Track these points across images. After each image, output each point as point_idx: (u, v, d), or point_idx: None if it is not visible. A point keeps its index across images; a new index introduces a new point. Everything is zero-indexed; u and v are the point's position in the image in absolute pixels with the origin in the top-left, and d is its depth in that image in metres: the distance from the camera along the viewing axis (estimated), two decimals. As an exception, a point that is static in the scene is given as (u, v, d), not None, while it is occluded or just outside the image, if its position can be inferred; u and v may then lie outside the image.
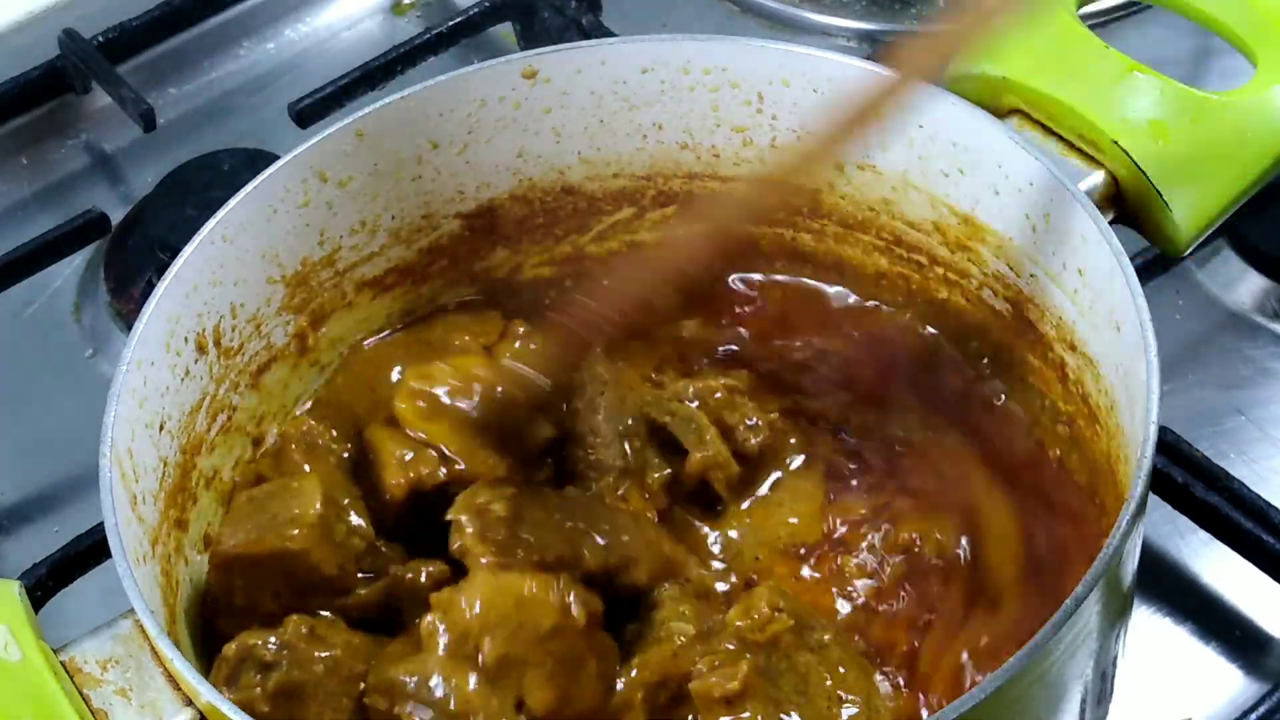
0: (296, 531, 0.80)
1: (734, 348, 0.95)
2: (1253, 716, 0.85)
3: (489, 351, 0.92)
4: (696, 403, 0.89)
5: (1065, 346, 0.86)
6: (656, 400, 0.90)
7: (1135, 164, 0.87)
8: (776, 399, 0.92)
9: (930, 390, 0.91)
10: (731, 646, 0.78)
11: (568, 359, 0.85)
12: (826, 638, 0.80)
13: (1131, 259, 0.79)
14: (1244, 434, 0.99)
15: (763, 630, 0.79)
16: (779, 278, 0.96)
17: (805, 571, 0.86)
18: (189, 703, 0.73)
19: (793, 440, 0.90)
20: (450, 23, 1.20)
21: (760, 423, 0.89)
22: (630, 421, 0.88)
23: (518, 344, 0.91)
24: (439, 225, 0.95)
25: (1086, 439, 0.85)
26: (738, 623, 0.79)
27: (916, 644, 0.83)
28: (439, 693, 0.74)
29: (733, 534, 0.88)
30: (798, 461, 0.90)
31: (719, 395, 0.89)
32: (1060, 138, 0.89)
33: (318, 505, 0.81)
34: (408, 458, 0.84)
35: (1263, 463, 0.97)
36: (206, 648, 0.84)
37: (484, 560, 0.77)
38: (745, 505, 0.88)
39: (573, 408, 0.88)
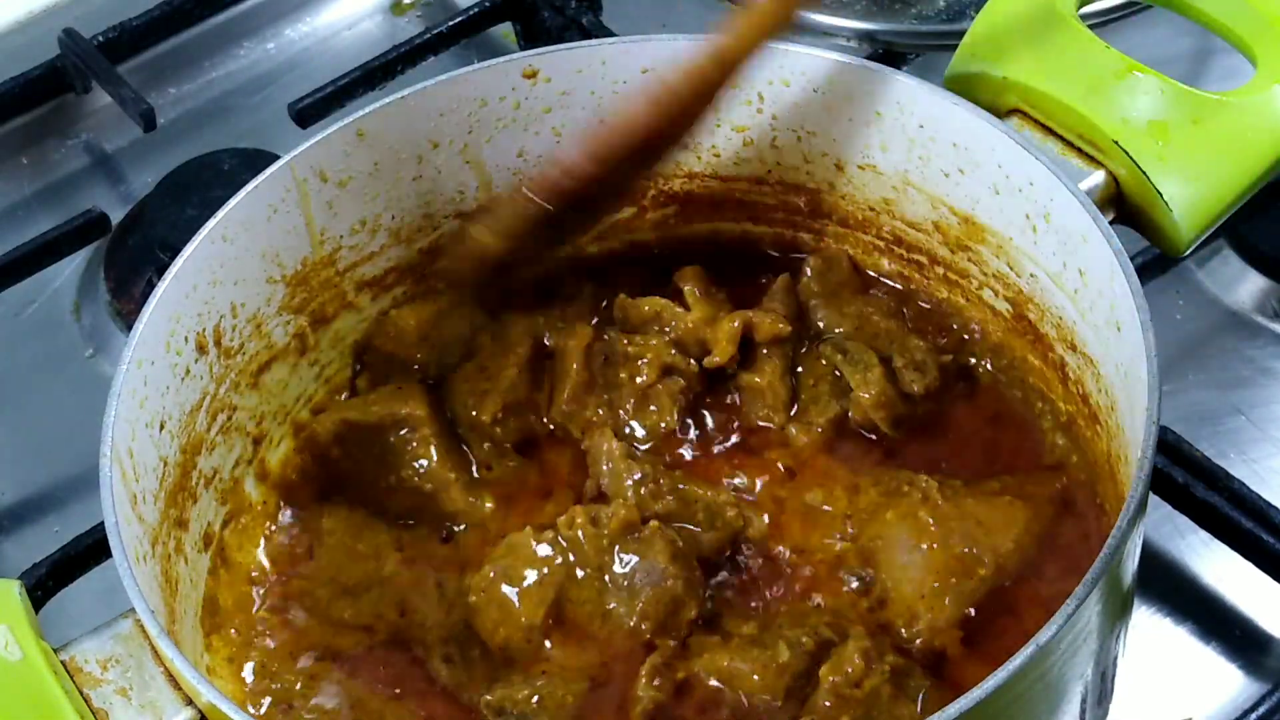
0: None
1: None
2: (1253, 716, 0.85)
3: None
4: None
5: (1065, 346, 0.86)
6: (836, 338, 0.91)
7: (1135, 164, 0.86)
8: None
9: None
10: (829, 704, 0.77)
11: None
12: (927, 683, 0.79)
13: (1131, 259, 0.79)
14: (1244, 434, 0.99)
15: (859, 685, 0.78)
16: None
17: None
18: (189, 702, 0.74)
19: None
20: (450, 23, 1.20)
21: (929, 363, 0.89)
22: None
23: None
24: (439, 225, 0.95)
25: (1087, 439, 0.85)
26: (832, 678, 0.78)
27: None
28: None
29: None
30: None
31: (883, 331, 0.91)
32: (1060, 138, 0.89)
33: None
34: None
35: (1263, 463, 0.97)
36: (207, 646, 0.84)
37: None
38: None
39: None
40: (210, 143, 1.20)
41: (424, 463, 0.90)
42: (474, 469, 0.90)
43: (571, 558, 0.84)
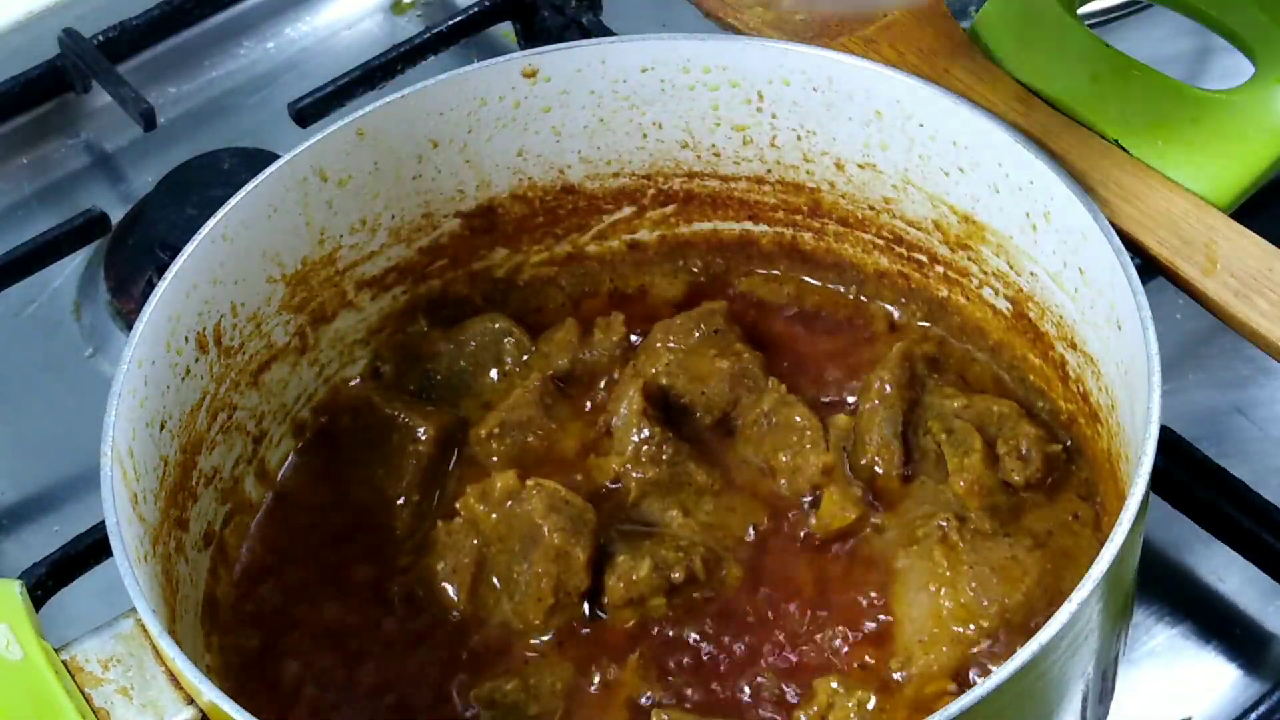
0: None
1: None
2: (1253, 716, 0.84)
3: None
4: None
5: (1066, 345, 0.86)
6: (946, 414, 0.88)
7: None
8: None
9: None
10: None
11: None
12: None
13: (1132, 258, 0.79)
14: (1244, 434, 0.98)
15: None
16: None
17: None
18: (190, 701, 0.73)
19: None
20: (450, 22, 1.20)
21: (1034, 453, 0.86)
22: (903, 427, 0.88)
23: None
24: (439, 224, 0.95)
25: (1087, 438, 0.85)
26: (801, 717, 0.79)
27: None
28: None
29: None
30: None
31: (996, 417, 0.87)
32: (1060, 137, 0.89)
33: None
34: None
35: (1263, 463, 0.97)
36: (207, 646, 0.84)
37: None
38: None
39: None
40: (210, 143, 1.20)
41: (401, 473, 0.90)
42: (438, 518, 0.89)
43: (475, 541, 0.85)
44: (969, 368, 0.92)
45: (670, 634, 0.83)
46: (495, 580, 0.85)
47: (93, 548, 0.92)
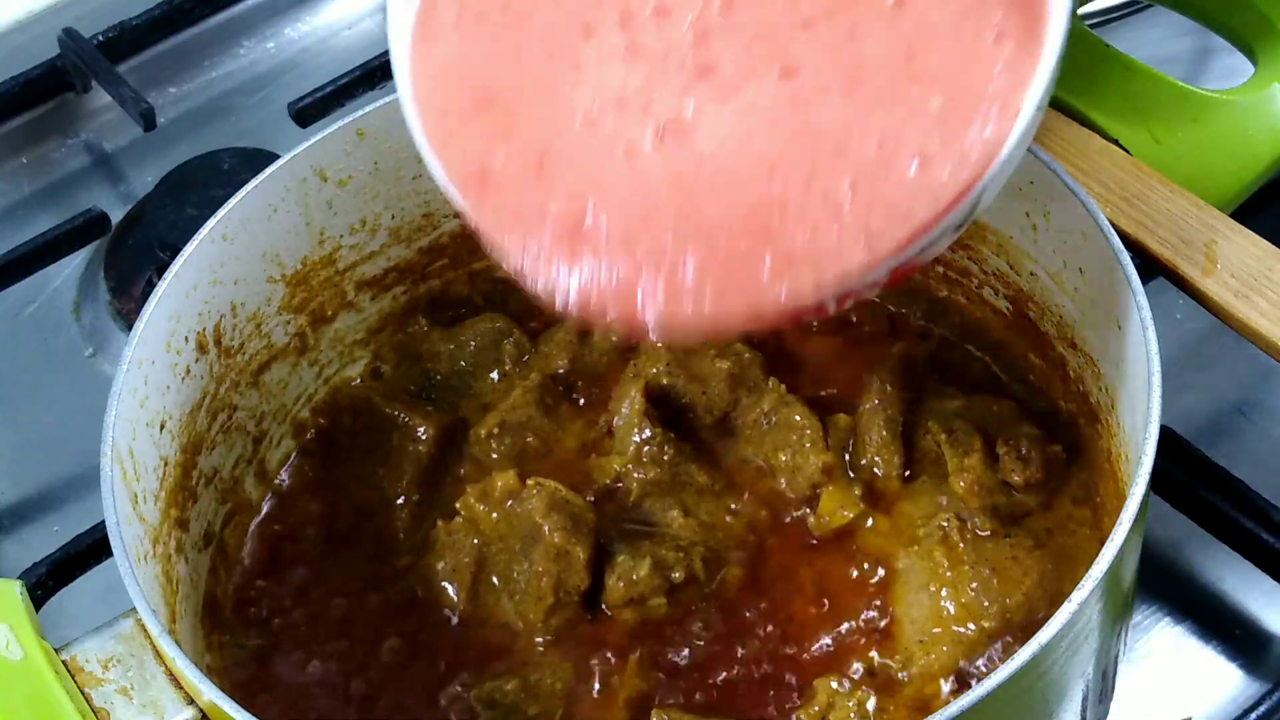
0: None
1: None
2: (1252, 716, 0.84)
3: None
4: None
5: (1066, 345, 0.86)
6: (946, 415, 0.87)
7: (1135, 163, 0.87)
8: None
9: None
10: None
11: None
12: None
13: (1132, 258, 0.79)
14: (1244, 434, 0.98)
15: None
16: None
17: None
18: (191, 701, 0.74)
19: None
20: (450, 22, 1.20)
21: (1034, 454, 0.85)
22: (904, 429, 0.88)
23: None
24: (439, 224, 0.95)
25: (1087, 438, 0.85)
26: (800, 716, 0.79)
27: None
28: None
29: None
30: None
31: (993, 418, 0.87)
32: (1060, 137, 0.89)
33: None
34: None
35: (1263, 463, 0.97)
36: (207, 646, 0.84)
37: None
38: None
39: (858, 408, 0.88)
40: (210, 142, 1.20)
41: (401, 472, 0.90)
42: (437, 518, 0.89)
43: (475, 540, 0.85)
44: (969, 368, 0.92)
45: (670, 634, 0.83)
46: (495, 580, 0.85)
47: (93, 548, 0.92)
